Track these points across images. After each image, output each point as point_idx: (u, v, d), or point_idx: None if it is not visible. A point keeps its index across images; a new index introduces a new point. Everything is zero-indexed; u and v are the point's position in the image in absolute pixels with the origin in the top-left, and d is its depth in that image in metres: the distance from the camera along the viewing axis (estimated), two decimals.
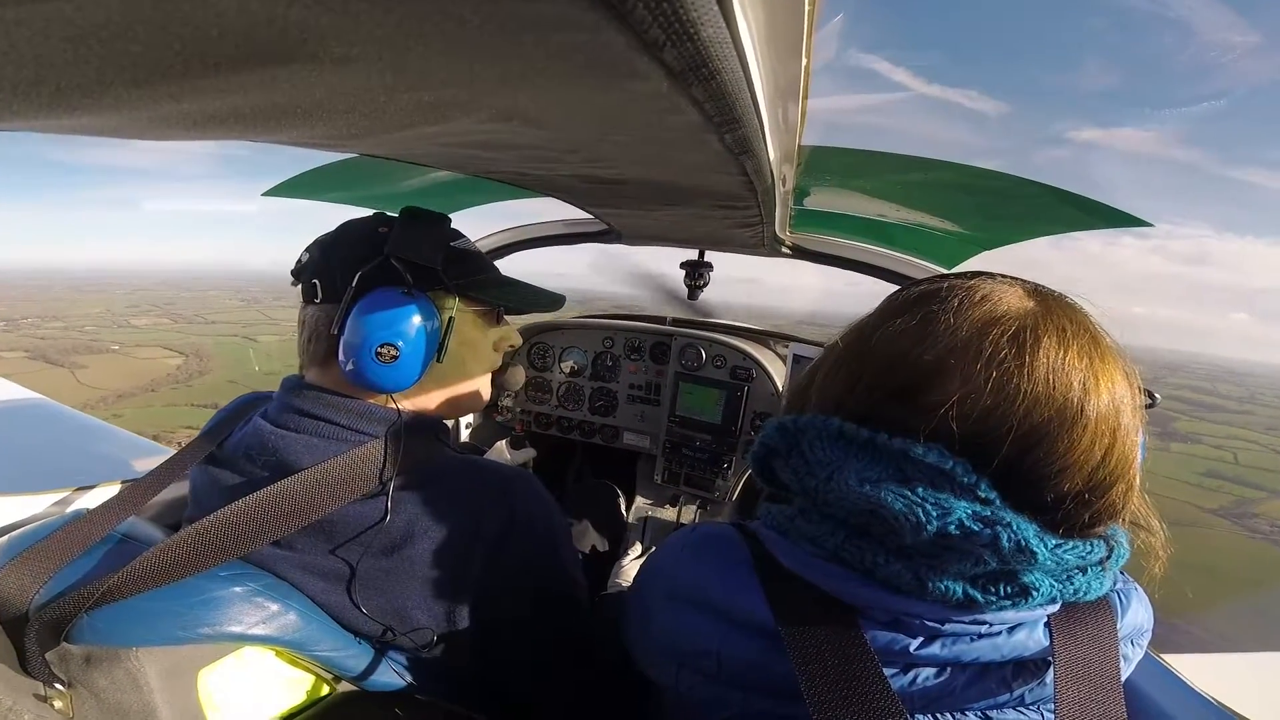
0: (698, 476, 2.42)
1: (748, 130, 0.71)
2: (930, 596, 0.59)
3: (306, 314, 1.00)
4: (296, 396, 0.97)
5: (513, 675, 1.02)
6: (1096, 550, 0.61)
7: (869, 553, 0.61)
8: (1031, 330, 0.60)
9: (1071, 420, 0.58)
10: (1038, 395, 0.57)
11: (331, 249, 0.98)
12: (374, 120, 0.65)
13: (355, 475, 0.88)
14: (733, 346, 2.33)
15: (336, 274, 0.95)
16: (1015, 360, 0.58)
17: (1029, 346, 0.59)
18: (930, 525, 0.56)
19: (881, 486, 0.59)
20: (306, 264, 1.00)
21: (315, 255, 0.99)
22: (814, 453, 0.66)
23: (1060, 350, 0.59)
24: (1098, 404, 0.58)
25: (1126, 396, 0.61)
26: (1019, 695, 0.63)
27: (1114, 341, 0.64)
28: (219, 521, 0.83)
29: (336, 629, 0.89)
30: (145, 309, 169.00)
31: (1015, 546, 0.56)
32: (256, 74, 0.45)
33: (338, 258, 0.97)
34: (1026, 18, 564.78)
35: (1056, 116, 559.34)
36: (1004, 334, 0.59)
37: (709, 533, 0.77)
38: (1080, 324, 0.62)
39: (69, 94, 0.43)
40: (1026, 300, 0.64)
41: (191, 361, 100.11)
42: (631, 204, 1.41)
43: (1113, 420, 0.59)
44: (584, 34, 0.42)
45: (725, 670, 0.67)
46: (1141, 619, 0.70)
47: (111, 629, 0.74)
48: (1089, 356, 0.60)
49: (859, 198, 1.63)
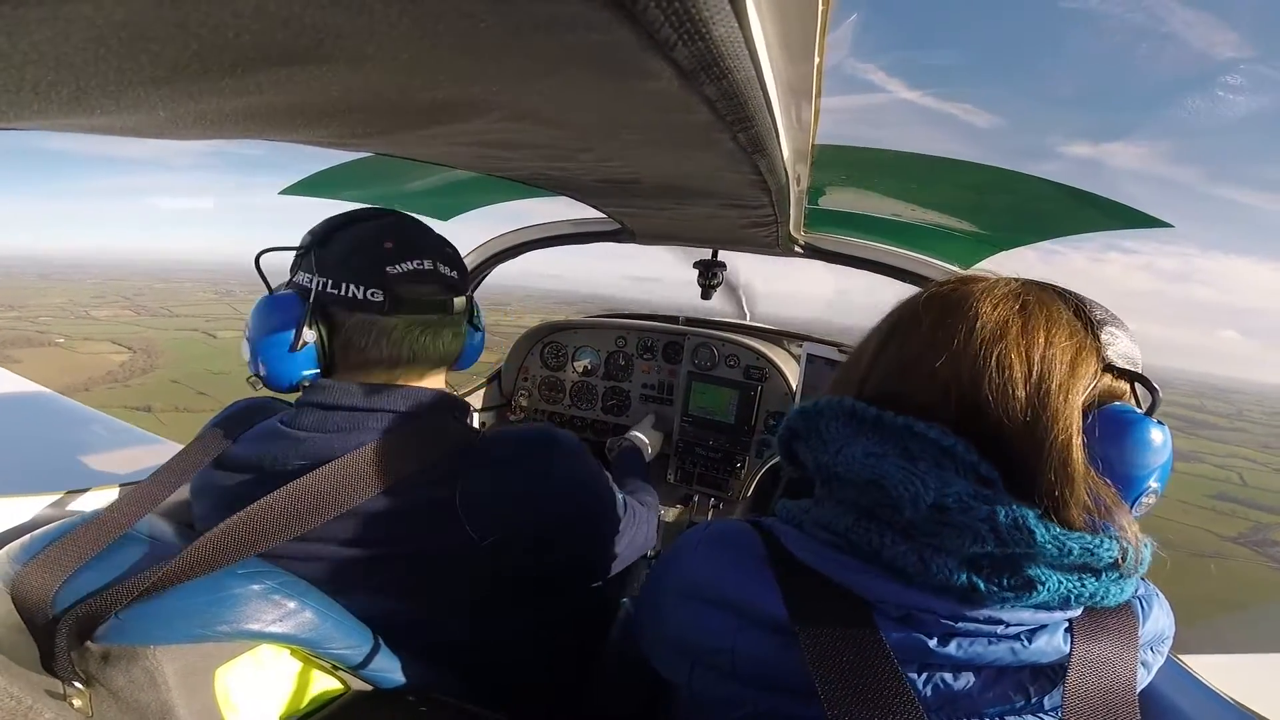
0: (711, 476, 2.42)
1: (760, 129, 0.71)
2: (934, 580, 0.59)
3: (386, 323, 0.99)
4: (330, 394, 0.97)
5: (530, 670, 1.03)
6: (1105, 546, 0.59)
7: (875, 533, 0.62)
8: (979, 298, 0.67)
9: (1003, 389, 0.61)
10: (988, 365, 0.62)
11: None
12: (388, 120, 0.65)
13: (389, 460, 0.89)
14: (746, 346, 2.33)
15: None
16: (967, 333, 0.64)
17: (984, 320, 0.65)
18: (928, 495, 0.58)
19: (885, 459, 0.62)
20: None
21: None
22: (829, 431, 0.69)
23: (996, 316, 0.65)
24: (1028, 363, 0.62)
25: (1064, 367, 0.63)
26: (1038, 701, 0.63)
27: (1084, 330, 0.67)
28: (251, 516, 0.82)
29: (352, 627, 0.89)
30: (112, 300, 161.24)
31: (1013, 523, 0.56)
32: (273, 74, 0.45)
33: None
34: (1018, 30, 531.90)
35: (1048, 130, 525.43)
36: (971, 306, 0.66)
37: (723, 529, 0.77)
38: (1052, 315, 0.66)
39: (89, 94, 0.44)
40: (1015, 286, 0.69)
41: (138, 358, 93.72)
42: (644, 203, 1.41)
43: (1046, 382, 0.61)
44: (596, 33, 0.42)
45: (740, 667, 0.67)
46: (1163, 625, 0.70)
47: (131, 627, 0.74)
48: (1046, 336, 0.64)
49: (874, 197, 1.62)
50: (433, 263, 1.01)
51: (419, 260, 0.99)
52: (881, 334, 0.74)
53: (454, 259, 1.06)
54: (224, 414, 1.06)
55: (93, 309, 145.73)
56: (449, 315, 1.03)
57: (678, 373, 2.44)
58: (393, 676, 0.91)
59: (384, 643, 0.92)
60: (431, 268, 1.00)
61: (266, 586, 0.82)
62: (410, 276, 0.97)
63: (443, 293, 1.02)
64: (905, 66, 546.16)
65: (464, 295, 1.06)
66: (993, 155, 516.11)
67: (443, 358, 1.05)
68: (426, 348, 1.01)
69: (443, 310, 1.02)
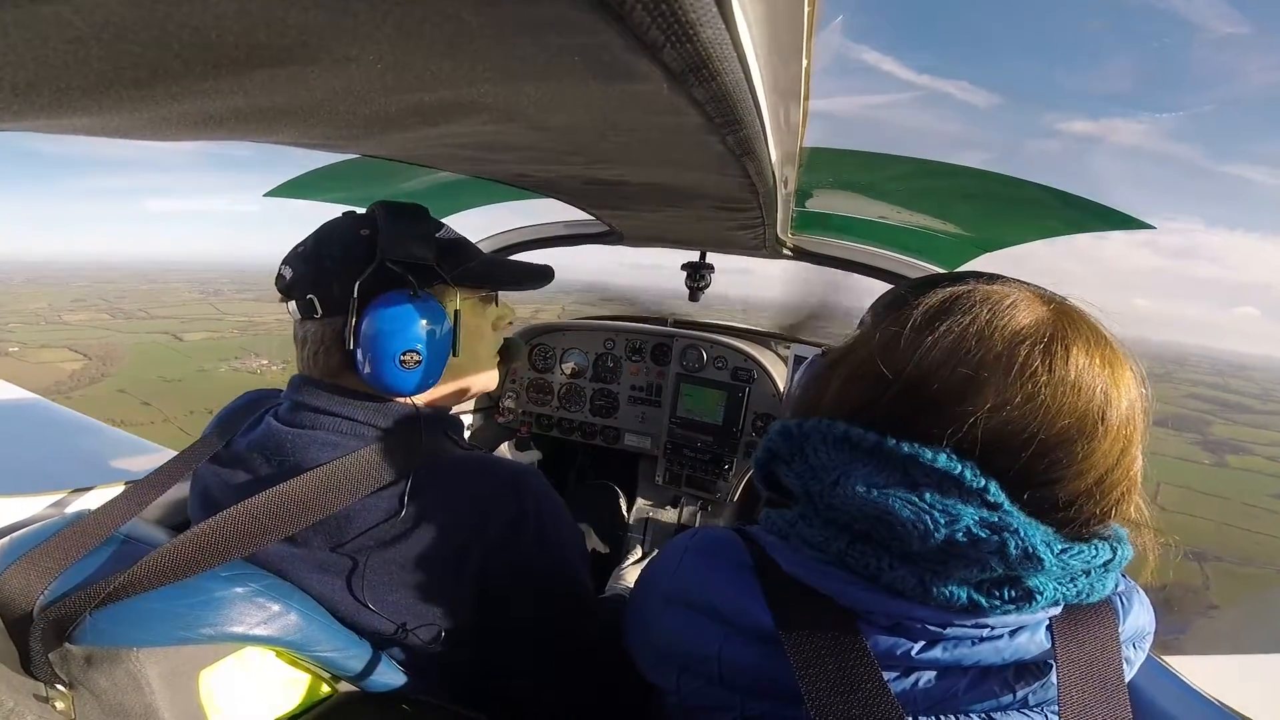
0: (699, 478, 2.42)
1: (749, 131, 0.71)
2: (934, 602, 0.59)
3: (307, 330, 0.96)
4: (311, 395, 0.96)
5: (514, 675, 1.02)
6: (1101, 554, 0.61)
7: (873, 558, 0.61)
8: (1061, 341, 0.60)
9: (1092, 427, 0.59)
10: (1063, 404, 0.58)
11: (318, 261, 0.94)
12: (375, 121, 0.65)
13: (366, 471, 0.88)
14: (734, 348, 2.33)
15: (333, 285, 0.92)
16: (1046, 372, 0.59)
17: (1059, 357, 0.59)
18: (938, 533, 0.56)
19: (889, 493, 0.59)
20: (294, 280, 0.95)
21: (300, 269, 0.95)
22: (818, 457, 0.65)
23: (1086, 360, 0.60)
24: (1118, 410, 0.59)
25: (1138, 401, 0.62)
26: (1022, 697, 0.63)
27: (1121, 344, 0.65)
28: (229, 519, 0.82)
29: (337, 629, 0.89)
30: (92, 303, 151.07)
31: (1023, 554, 0.56)
32: (257, 75, 0.45)
33: (327, 269, 0.93)
34: (1017, 8, 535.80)
35: (1048, 108, 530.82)
36: (1034, 346, 0.60)
37: (711, 537, 0.76)
38: (1097, 331, 0.63)
39: (70, 95, 0.43)
40: (1043, 308, 0.64)
41: (92, 365, 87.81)
42: (633, 205, 1.42)
43: (1129, 425, 0.60)
44: (582, 35, 0.42)
45: (726, 674, 0.67)
46: (1144, 622, 0.70)
47: (113, 629, 0.74)
48: (1110, 365, 0.61)
49: (861, 199, 1.63)
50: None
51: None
52: (895, 367, 0.64)
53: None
54: (228, 408, 1.07)
55: (67, 312, 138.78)
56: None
57: (666, 374, 2.44)
58: (378, 679, 0.91)
59: (369, 645, 0.91)
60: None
61: (250, 589, 0.81)
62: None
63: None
64: (895, 44, 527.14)
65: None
66: (990, 134, 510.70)
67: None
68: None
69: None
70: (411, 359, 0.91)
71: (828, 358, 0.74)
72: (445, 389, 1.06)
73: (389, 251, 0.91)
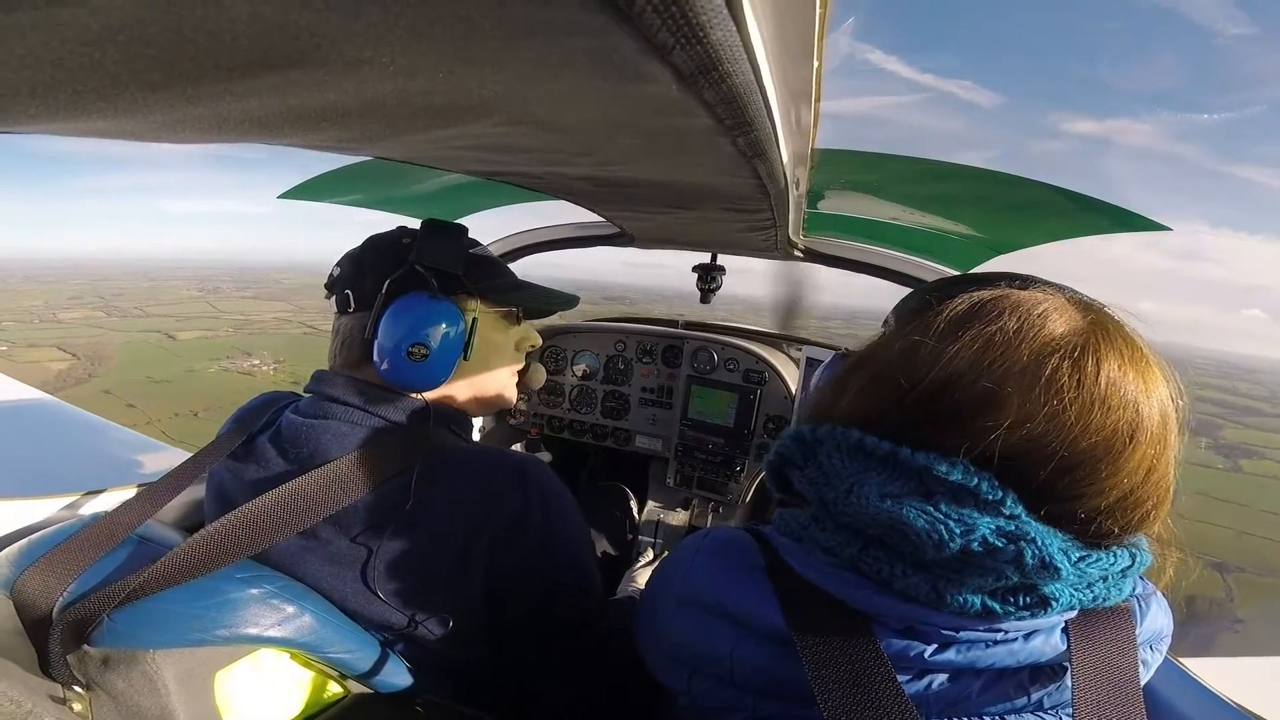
0: (710, 479, 2.42)
1: (760, 133, 0.71)
2: (948, 609, 0.59)
3: (341, 323, 1.05)
4: (329, 384, 1.01)
5: (523, 673, 1.03)
6: (1120, 561, 0.60)
7: (886, 564, 0.60)
8: (1093, 355, 0.58)
9: (1120, 446, 0.57)
10: (1090, 423, 0.56)
11: (360, 262, 1.04)
12: (387, 124, 0.65)
13: (373, 463, 0.91)
14: (745, 350, 2.33)
15: (368, 283, 1.01)
16: (1074, 388, 0.56)
17: (1089, 372, 0.57)
18: (953, 543, 0.55)
19: (903, 502, 0.58)
20: (339, 278, 1.06)
21: (346, 269, 1.05)
22: (832, 464, 0.64)
23: (1119, 374, 0.57)
24: (1149, 427, 0.57)
25: (1173, 414, 0.60)
26: (1037, 700, 0.63)
27: (1158, 356, 0.62)
28: (241, 517, 0.84)
29: (350, 630, 0.89)
30: (88, 301, 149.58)
31: (1039, 563, 0.55)
32: (270, 77, 0.45)
33: (367, 269, 1.02)
34: (1021, 8, 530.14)
35: (1052, 107, 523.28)
36: (1064, 359, 0.57)
37: (723, 538, 0.76)
38: (1132, 342, 0.61)
39: (85, 97, 0.44)
40: (1078, 316, 0.61)
41: (80, 366, 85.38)
42: (643, 207, 1.41)
43: (1160, 443, 0.58)
44: (592, 37, 0.42)
45: (738, 675, 0.67)
46: (1161, 624, 0.69)
47: (130, 631, 0.74)
48: (1143, 378, 0.58)
49: (873, 200, 1.62)
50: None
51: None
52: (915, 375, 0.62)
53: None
54: (245, 407, 1.10)
55: (62, 311, 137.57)
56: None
57: (677, 376, 2.44)
58: (389, 679, 0.91)
59: (380, 645, 0.92)
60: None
61: (265, 591, 0.82)
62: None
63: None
64: (900, 44, 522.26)
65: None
66: (994, 133, 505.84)
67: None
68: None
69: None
70: (419, 351, 0.95)
71: (847, 361, 0.73)
72: (457, 392, 1.09)
73: (420, 257, 0.98)
